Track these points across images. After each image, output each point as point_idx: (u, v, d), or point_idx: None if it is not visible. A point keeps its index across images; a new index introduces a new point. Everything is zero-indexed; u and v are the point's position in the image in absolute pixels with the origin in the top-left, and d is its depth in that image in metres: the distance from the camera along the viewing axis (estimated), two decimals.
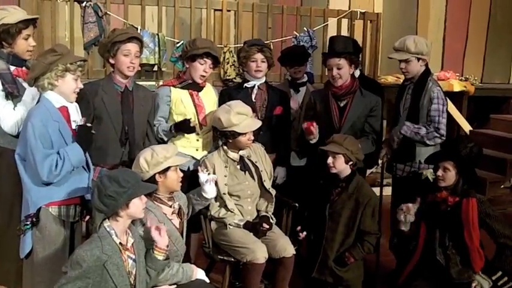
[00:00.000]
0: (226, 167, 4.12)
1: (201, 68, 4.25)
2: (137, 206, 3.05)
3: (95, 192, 3.02)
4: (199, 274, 3.55)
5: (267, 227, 4.07)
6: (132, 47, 3.95)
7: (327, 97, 4.54)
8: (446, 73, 7.99)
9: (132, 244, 3.12)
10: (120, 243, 3.02)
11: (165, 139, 4.23)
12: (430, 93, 4.43)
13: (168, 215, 3.57)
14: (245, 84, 4.58)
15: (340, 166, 4.08)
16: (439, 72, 8.04)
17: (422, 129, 4.40)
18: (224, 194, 4.08)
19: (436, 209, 3.89)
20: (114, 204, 2.95)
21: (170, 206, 3.62)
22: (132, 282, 3.06)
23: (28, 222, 3.40)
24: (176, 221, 3.63)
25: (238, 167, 4.16)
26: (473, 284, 3.78)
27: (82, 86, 3.56)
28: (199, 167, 3.96)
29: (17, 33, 3.73)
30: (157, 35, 6.19)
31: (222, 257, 4.07)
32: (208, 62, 4.27)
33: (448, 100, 4.75)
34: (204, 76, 4.30)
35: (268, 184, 4.24)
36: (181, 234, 3.70)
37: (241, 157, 4.17)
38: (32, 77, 3.40)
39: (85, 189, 3.53)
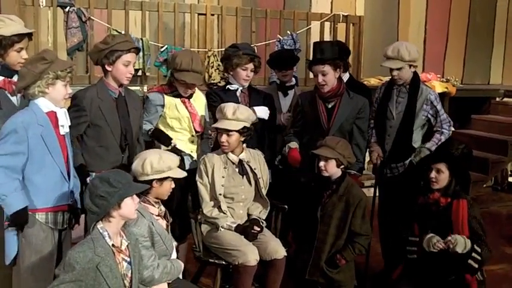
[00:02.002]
0: (225, 168, 4.11)
1: (182, 88, 4.29)
2: (129, 206, 3.02)
3: (86, 193, 3.00)
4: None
5: (258, 229, 4.07)
6: (132, 57, 3.92)
7: (314, 99, 4.54)
8: (427, 75, 8.04)
9: (127, 246, 3.10)
10: (113, 245, 3.00)
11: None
12: (426, 96, 4.55)
13: (154, 215, 3.54)
14: (228, 86, 4.57)
15: (332, 170, 4.10)
16: (420, 74, 8.06)
17: (441, 136, 4.54)
18: (220, 194, 4.07)
19: (427, 210, 3.92)
20: (106, 205, 2.93)
21: (157, 208, 3.60)
22: (127, 285, 3.04)
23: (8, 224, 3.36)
24: (163, 223, 3.61)
25: (237, 170, 4.16)
26: (448, 238, 3.73)
27: (71, 91, 3.54)
28: None
29: (9, 45, 3.67)
30: (141, 39, 6.21)
31: (212, 260, 4.06)
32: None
33: None
34: (185, 93, 4.31)
35: (264, 191, 4.24)
36: None
37: (240, 161, 4.16)
38: (22, 87, 3.36)
39: (65, 198, 3.49)
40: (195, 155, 4.37)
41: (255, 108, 4.41)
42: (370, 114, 4.72)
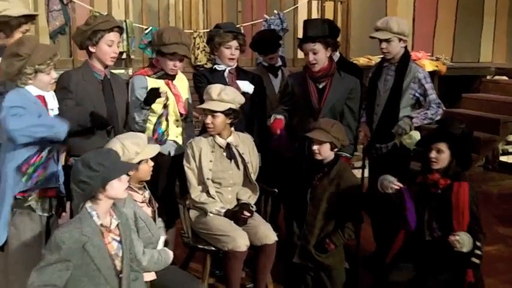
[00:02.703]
0: (212, 152, 4.02)
1: (171, 64, 4.11)
2: (116, 187, 2.89)
3: (71, 176, 2.88)
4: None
5: (248, 214, 3.98)
6: (115, 36, 3.81)
7: (305, 80, 4.43)
8: (417, 53, 7.97)
9: (117, 226, 2.99)
10: (101, 224, 2.89)
11: (140, 120, 4.03)
12: (414, 74, 4.43)
13: (138, 202, 3.44)
14: (215, 67, 4.45)
15: (326, 153, 4.00)
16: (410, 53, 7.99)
17: (428, 113, 4.42)
18: (208, 179, 3.97)
19: (425, 191, 3.81)
20: (89, 189, 2.82)
21: (141, 195, 3.50)
22: (118, 264, 2.93)
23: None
24: (148, 210, 3.51)
25: (225, 154, 4.06)
26: (453, 238, 3.58)
27: (56, 75, 3.46)
28: None
29: (16, 26, 3.65)
30: (125, 21, 6.12)
31: (202, 246, 3.97)
32: (178, 56, 4.10)
33: None
34: (174, 70, 4.16)
35: (254, 176, 4.15)
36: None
37: (228, 144, 4.06)
38: (3, 82, 3.30)
39: (53, 180, 3.43)
40: (180, 140, 4.23)
41: (238, 82, 4.31)
42: (362, 95, 4.63)
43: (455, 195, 3.69)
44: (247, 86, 4.32)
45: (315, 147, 3.98)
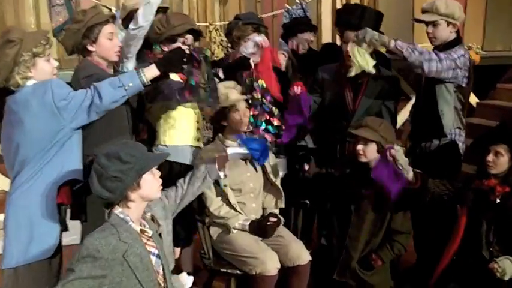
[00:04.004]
0: None
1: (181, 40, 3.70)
2: (151, 183, 2.48)
3: (93, 178, 2.43)
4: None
5: (275, 220, 3.60)
6: (112, 28, 3.38)
7: (339, 75, 3.95)
8: None
9: (151, 236, 2.56)
10: (141, 230, 2.48)
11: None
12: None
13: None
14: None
15: (371, 155, 3.53)
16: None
17: (418, 47, 3.80)
18: (225, 185, 3.57)
19: (482, 199, 3.39)
20: (122, 187, 2.39)
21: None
22: (161, 283, 2.51)
23: None
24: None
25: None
26: (492, 265, 3.22)
27: (57, 64, 3.09)
28: None
29: None
30: None
31: (225, 270, 3.56)
32: (190, 38, 3.71)
33: None
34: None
35: (272, 176, 3.73)
36: None
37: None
38: (1, 81, 2.92)
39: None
40: (201, 145, 3.79)
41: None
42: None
43: None
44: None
45: (359, 146, 3.54)
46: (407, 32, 7.65)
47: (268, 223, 3.58)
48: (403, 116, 6.00)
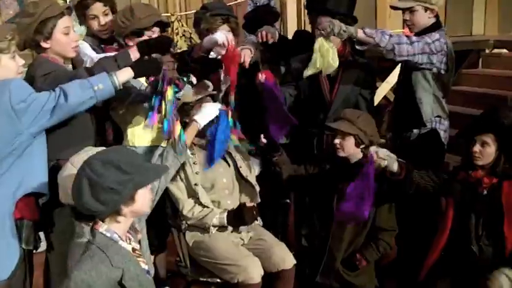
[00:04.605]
0: (193, 154, 3.39)
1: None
2: (145, 197, 2.23)
3: (83, 187, 2.12)
4: None
5: (252, 204, 3.38)
6: (69, 21, 3.08)
7: None
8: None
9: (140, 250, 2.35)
10: (133, 248, 2.24)
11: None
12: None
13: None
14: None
15: (350, 149, 3.37)
16: (403, 29, 7.37)
17: (388, 32, 3.59)
18: (196, 184, 3.33)
19: (470, 191, 3.25)
20: (117, 200, 2.12)
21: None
22: None
23: None
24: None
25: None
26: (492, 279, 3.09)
27: (23, 61, 2.83)
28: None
29: None
30: None
31: (204, 279, 3.35)
32: (157, 31, 3.43)
33: None
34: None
35: (245, 172, 3.52)
36: None
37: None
38: None
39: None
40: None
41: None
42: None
43: (505, 196, 3.16)
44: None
45: (337, 140, 3.38)
46: (370, 21, 7.55)
47: (247, 208, 3.33)
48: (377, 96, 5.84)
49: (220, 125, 3.27)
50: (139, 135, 3.35)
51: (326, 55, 3.46)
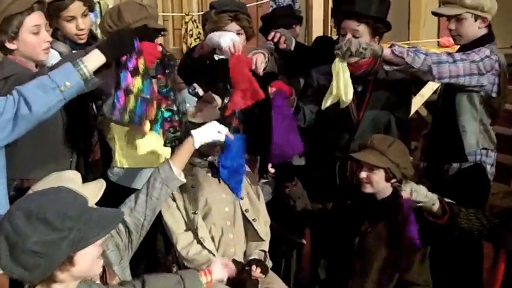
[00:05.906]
0: (192, 176, 2.92)
1: None
2: (90, 257, 1.72)
3: (1, 248, 1.64)
4: None
5: (260, 274, 2.83)
6: (40, 18, 2.67)
7: None
8: (450, 39, 6.86)
9: None
10: None
11: None
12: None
13: None
14: (214, 56, 3.27)
15: (379, 184, 2.86)
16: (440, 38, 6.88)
17: (422, 49, 3.15)
18: (194, 213, 2.86)
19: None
20: (45, 265, 1.63)
21: None
22: None
23: None
24: None
25: (209, 175, 2.96)
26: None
27: None
28: None
29: None
30: (99, 3, 5.31)
31: None
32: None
33: None
34: None
35: (251, 215, 2.99)
36: None
37: (211, 163, 2.97)
38: None
39: None
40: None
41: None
42: None
43: None
44: None
45: (364, 173, 2.87)
46: (404, 31, 7.12)
47: (250, 280, 2.82)
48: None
49: (229, 152, 2.78)
50: (129, 155, 2.92)
51: (342, 84, 2.96)
